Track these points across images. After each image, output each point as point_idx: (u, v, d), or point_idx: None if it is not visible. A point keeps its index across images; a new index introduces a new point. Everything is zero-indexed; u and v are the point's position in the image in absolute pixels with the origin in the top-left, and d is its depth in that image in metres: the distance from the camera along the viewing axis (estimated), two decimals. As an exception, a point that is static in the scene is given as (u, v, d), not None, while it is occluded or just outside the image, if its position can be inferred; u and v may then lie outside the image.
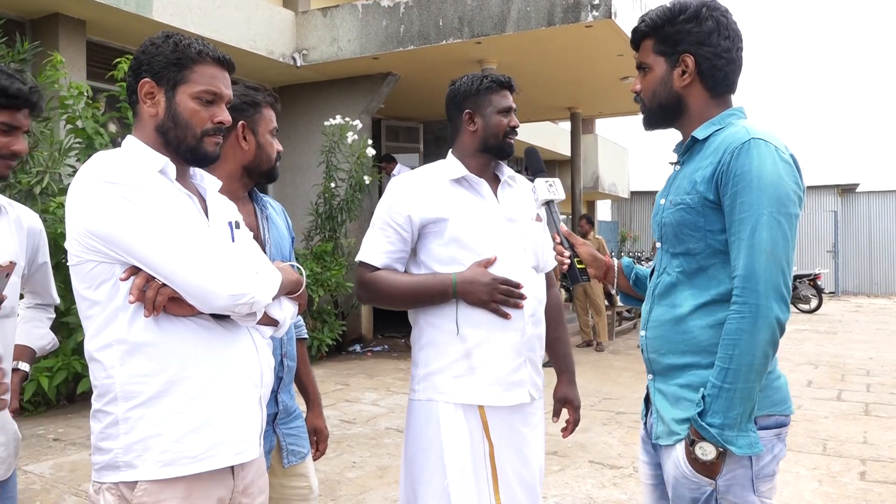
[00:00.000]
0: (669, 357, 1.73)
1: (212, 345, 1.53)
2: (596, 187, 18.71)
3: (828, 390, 7.10)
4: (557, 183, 2.16)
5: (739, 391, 1.54)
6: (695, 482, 1.62)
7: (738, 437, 1.56)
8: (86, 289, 1.49)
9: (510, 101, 2.22)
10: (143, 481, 1.46)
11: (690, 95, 1.74)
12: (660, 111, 1.80)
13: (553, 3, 8.17)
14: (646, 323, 1.82)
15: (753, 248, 1.55)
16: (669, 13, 1.72)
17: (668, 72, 1.74)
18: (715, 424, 1.56)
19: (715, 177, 1.62)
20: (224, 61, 1.63)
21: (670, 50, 1.73)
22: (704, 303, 1.67)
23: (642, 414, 1.90)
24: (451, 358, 2.11)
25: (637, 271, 2.07)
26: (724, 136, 1.65)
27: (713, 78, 1.72)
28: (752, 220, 1.56)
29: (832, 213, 20.66)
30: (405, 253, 2.19)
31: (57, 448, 4.90)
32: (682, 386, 1.69)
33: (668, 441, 1.70)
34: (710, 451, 1.57)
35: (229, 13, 8.48)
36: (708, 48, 1.69)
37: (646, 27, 1.77)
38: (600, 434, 5.36)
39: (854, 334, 11.84)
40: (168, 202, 1.49)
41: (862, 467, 4.62)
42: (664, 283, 1.77)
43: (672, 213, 1.72)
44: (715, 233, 1.65)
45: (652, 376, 1.81)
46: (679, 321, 1.71)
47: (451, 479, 2.05)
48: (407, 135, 13.28)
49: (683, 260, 1.71)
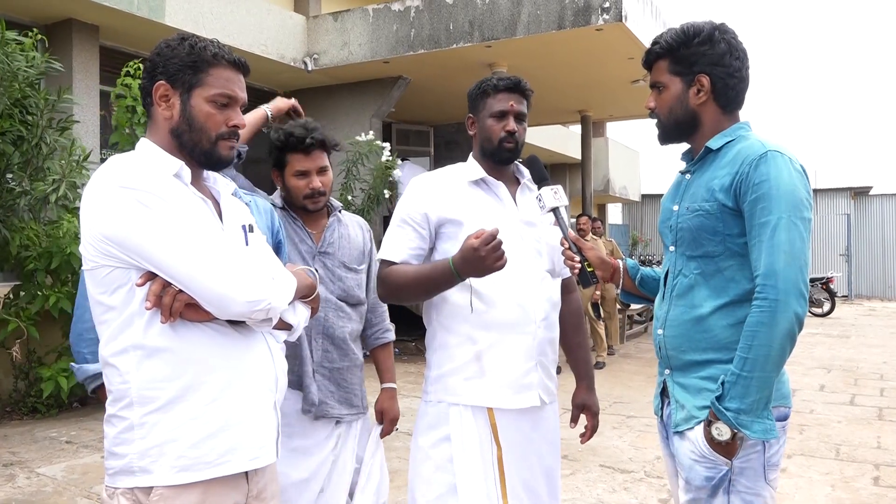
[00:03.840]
0: (690, 354, 1.84)
1: (227, 350, 1.53)
2: (607, 190, 18.66)
3: (841, 394, 7.05)
4: (561, 189, 2.16)
5: (756, 379, 1.65)
6: (712, 461, 1.74)
7: (753, 423, 1.66)
8: (101, 294, 1.49)
9: (507, 104, 2.17)
10: (158, 486, 1.46)
11: (705, 112, 1.87)
12: (676, 127, 1.92)
13: (563, 7, 8.17)
14: (663, 322, 1.91)
15: (774, 249, 1.67)
16: (684, 36, 1.85)
17: (683, 91, 1.87)
18: (731, 408, 1.67)
19: (734, 186, 1.75)
20: (239, 64, 1.63)
21: (686, 70, 1.86)
22: (725, 303, 1.79)
23: (657, 407, 1.99)
24: (462, 360, 2.12)
25: (643, 272, 2.15)
26: (741, 149, 1.79)
27: (726, 96, 1.85)
28: (772, 223, 1.68)
29: (845, 217, 20.51)
30: (423, 250, 2.17)
31: (69, 450, 4.93)
32: (703, 378, 1.81)
33: (688, 425, 1.80)
34: (726, 432, 1.68)
35: (241, 18, 8.52)
36: (721, 68, 1.83)
37: (661, 49, 1.89)
38: (611, 438, 5.34)
39: (867, 338, 11.75)
40: (184, 207, 1.49)
41: (875, 472, 4.58)
42: (682, 285, 1.88)
43: (690, 218, 1.84)
44: (733, 237, 1.77)
45: (669, 371, 1.91)
46: (700, 320, 1.82)
47: (460, 482, 2.05)
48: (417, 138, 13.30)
49: (701, 262, 1.83)
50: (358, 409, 2.52)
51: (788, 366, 1.79)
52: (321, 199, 2.47)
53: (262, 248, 1.70)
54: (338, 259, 2.49)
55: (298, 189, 2.46)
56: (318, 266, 2.45)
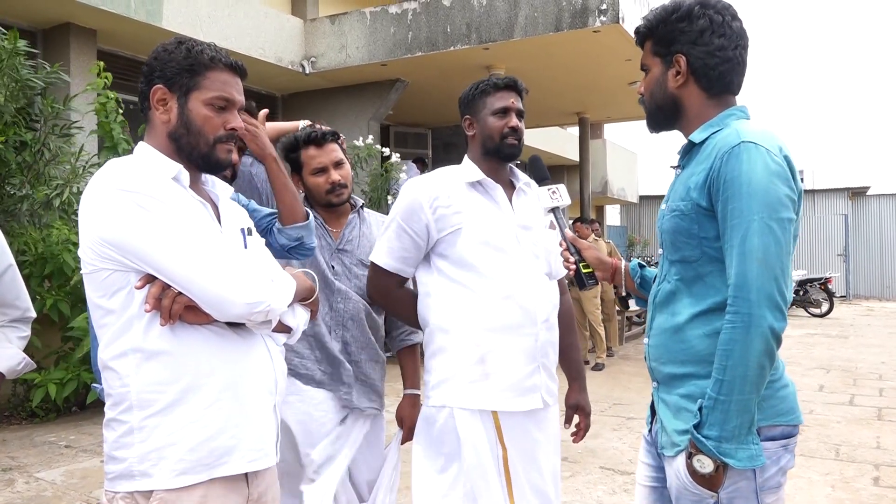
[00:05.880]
0: (669, 366, 1.70)
1: (227, 352, 1.53)
2: (605, 192, 18.68)
3: (840, 395, 7.04)
4: (561, 189, 2.15)
5: (735, 403, 1.49)
6: (696, 494, 1.59)
7: (736, 450, 1.51)
8: (100, 297, 1.49)
9: (507, 101, 2.19)
10: (158, 490, 1.46)
11: (686, 96, 1.71)
12: (658, 113, 1.77)
13: (561, 9, 8.18)
14: (649, 331, 1.80)
15: (745, 256, 1.50)
16: (663, 13, 1.70)
17: (663, 72, 1.72)
18: (712, 437, 1.52)
19: (707, 182, 1.58)
20: (236, 67, 1.63)
21: (664, 50, 1.71)
22: (701, 311, 1.63)
23: (647, 420, 1.89)
24: (464, 363, 2.11)
25: (644, 274, 2.04)
26: (717, 140, 1.61)
27: (707, 77, 1.67)
28: (743, 226, 1.51)
29: (843, 217, 20.53)
30: (418, 258, 2.20)
31: (68, 455, 4.92)
32: (682, 396, 1.66)
33: (671, 452, 1.67)
34: (708, 465, 1.53)
35: (238, 21, 8.53)
36: (700, 47, 1.65)
37: (644, 28, 1.75)
38: (611, 440, 5.34)
39: (866, 338, 11.75)
40: (183, 210, 1.49)
41: (875, 472, 4.58)
42: (664, 291, 1.74)
43: (668, 219, 1.69)
44: (710, 240, 1.61)
45: (656, 384, 1.79)
46: (677, 330, 1.67)
47: (466, 486, 2.05)
48: (415, 141, 13.30)
49: (681, 267, 1.68)
50: (375, 404, 2.52)
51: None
52: (343, 191, 2.48)
53: (262, 252, 1.70)
54: (355, 256, 2.49)
55: (318, 186, 2.47)
56: (336, 263, 2.45)
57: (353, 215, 2.56)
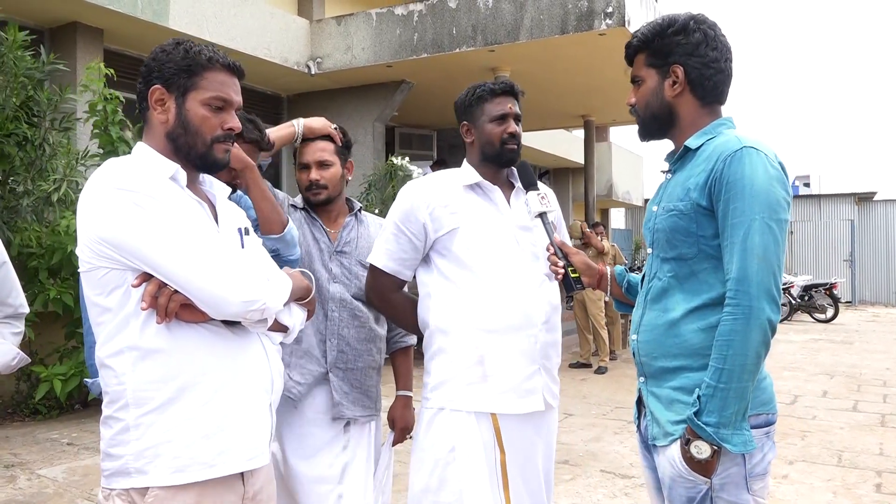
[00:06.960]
0: (661, 360, 1.78)
1: (223, 351, 1.54)
2: (610, 195, 18.65)
3: (843, 401, 7.02)
4: (550, 194, 2.17)
5: (734, 390, 1.59)
6: (690, 480, 1.67)
7: (732, 436, 1.61)
8: (97, 295, 1.50)
9: (506, 107, 2.20)
10: (154, 487, 1.47)
11: (681, 105, 1.82)
12: (653, 121, 1.87)
13: (566, 12, 8.18)
14: (637, 327, 1.87)
15: (746, 253, 1.61)
16: (659, 27, 1.81)
17: (659, 83, 1.83)
18: (711, 423, 1.61)
19: (708, 184, 1.68)
20: (234, 67, 1.64)
21: (661, 62, 1.81)
22: (696, 307, 1.73)
23: (634, 416, 1.95)
24: (463, 365, 2.11)
25: (629, 279, 2.12)
26: (717, 145, 1.72)
27: (703, 87, 1.79)
28: (745, 225, 1.62)
29: (849, 222, 20.47)
30: (416, 260, 2.22)
31: (70, 452, 4.94)
32: (675, 389, 1.74)
33: (664, 442, 1.74)
34: (706, 450, 1.62)
35: (245, 21, 8.55)
36: (696, 59, 1.77)
37: (637, 42, 1.86)
38: (612, 443, 5.33)
39: (871, 344, 11.71)
40: (180, 209, 1.50)
41: (878, 479, 4.57)
42: (656, 288, 1.82)
43: (665, 218, 1.78)
44: (707, 238, 1.71)
45: (644, 379, 1.86)
46: (671, 325, 1.76)
47: (464, 488, 2.05)
48: (420, 142, 13.31)
49: (675, 264, 1.77)
50: (371, 410, 2.51)
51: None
52: (321, 191, 2.46)
53: (258, 251, 1.71)
54: (354, 258, 2.49)
55: (301, 182, 2.50)
56: (335, 265, 2.45)
57: (349, 217, 2.56)
